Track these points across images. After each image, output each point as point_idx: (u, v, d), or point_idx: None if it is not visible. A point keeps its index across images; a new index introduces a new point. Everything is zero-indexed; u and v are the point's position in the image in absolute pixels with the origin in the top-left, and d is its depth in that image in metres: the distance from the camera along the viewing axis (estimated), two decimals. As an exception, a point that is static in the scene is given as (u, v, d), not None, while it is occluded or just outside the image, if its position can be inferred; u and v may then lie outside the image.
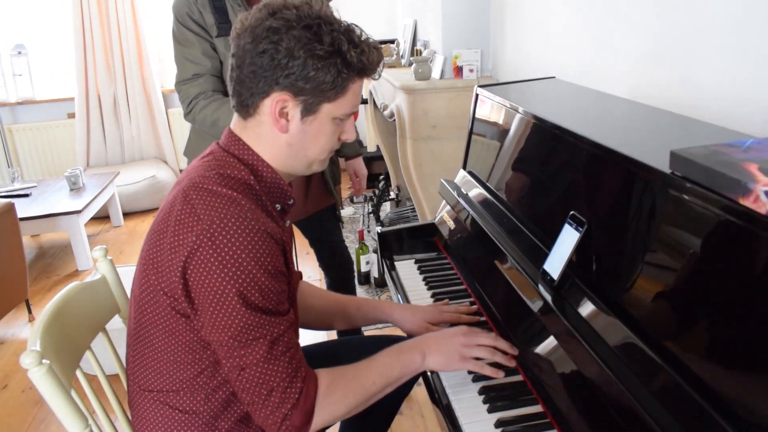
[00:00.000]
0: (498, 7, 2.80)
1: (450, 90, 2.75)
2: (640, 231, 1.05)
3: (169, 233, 1.05)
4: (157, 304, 1.09)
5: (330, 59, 1.04)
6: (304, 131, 1.11)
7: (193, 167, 1.14)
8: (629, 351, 0.97)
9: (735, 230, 0.83)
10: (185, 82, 1.96)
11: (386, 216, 3.69)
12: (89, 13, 4.98)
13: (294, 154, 1.14)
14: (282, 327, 1.06)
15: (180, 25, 1.94)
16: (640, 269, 1.04)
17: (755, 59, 1.28)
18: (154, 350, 1.13)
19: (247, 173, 1.10)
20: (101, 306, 1.34)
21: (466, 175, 1.81)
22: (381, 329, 2.68)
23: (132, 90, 5.19)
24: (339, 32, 1.05)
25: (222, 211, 1.02)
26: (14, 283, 3.06)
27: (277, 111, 1.07)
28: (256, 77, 1.06)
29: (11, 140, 5.19)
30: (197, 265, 1.01)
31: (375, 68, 1.12)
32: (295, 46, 1.03)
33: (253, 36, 1.04)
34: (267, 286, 1.03)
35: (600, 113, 1.52)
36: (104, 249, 1.38)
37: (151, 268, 1.09)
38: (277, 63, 1.03)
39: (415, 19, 3.66)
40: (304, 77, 1.04)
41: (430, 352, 1.20)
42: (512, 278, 1.34)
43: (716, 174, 0.87)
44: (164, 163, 5.29)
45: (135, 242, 4.32)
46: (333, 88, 1.07)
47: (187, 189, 1.06)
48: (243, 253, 1.01)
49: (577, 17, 2.02)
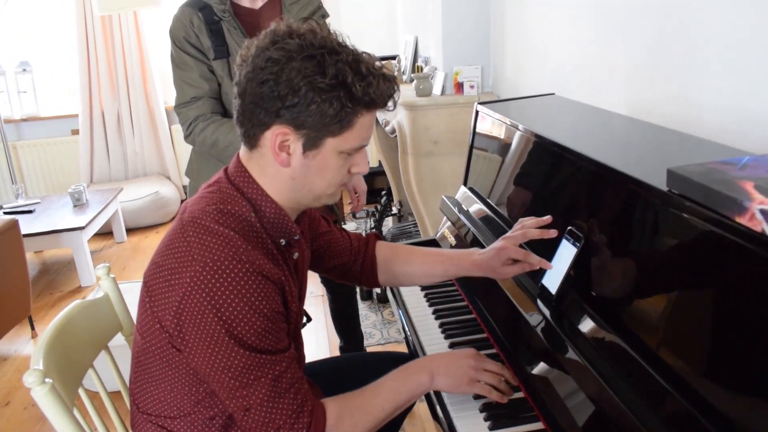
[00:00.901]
0: (498, 24, 2.82)
1: (451, 106, 2.77)
2: (638, 247, 1.06)
3: (166, 267, 1.04)
4: (154, 333, 1.08)
5: (333, 92, 0.98)
6: (307, 166, 1.06)
7: (197, 198, 1.11)
8: (627, 367, 0.98)
9: (731, 247, 0.84)
10: (184, 105, 1.98)
11: (389, 231, 3.70)
12: (93, 30, 5.03)
13: (298, 188, 1.09)
14: (283, 364, 1.04)
15: (178, 49, 1.96)
16: (638, 285, 1.04)
17: (751, 76, 1.29)
18: (153, 377, 1.12)
19: (248, 209, 1.07)
20: (104, 324, 1.35)
21: (467, 192, 1.82)
22: (384, 345, 2.68)
23: (135, 106, 5.22)
24: (345, 63, 0.99)
25: (216, 252, 1.00)
26: (17, 300, 3.07)
27: (277, 144, 1.03)
28: (257, 108, 1.02)
29: (15, 157, 5.22)
30: (191, 308, 1.00)
31: (385, 101, 1.05)
32: (296, 77, 0.98)
33: (254, 66, 1.00)
34: (263, 327, 1.01)
35: (598, 130, 1.53)
36: (107, 267, 1.39)
37: (149, 298, 1.08)
38: (278, 95, 0.99)
39: (416, 36, 3.69)
40: (306, 110, 0.99)
41: (438, 374, 1.18)
42: (512, 293, 1.35)
43: (712, 192, 0.88)
44: (167, 179, 5.32)
45: (138, 258, 4.32)
46: (337, 122, 1.01)
47: (186, 224, 1.05)
48: (236, 298, 0.98)
49: (575, 34, 2.04)
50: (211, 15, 1.92)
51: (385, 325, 3.05)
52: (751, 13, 1.27)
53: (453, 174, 2.77)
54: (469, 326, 1.50)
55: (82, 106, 5.16)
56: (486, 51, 2.96)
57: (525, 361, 1.23)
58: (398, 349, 2.74)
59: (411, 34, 3.83)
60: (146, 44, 5.13)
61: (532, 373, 1.19)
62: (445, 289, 1.70)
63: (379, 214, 3.81)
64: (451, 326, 1.51)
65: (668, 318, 0.96)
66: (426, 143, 2.80)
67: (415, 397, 1.19)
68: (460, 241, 1.72)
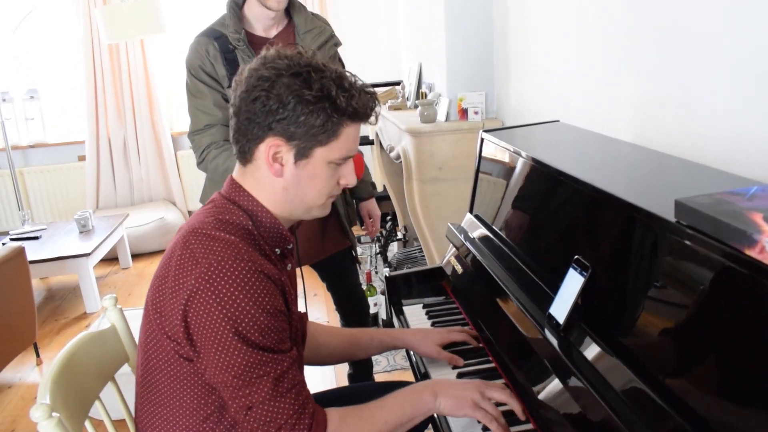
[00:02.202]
0: (501, 51, 2.84)
1: (455, 132, 2.78)
2: (646, 277, 1.05)
3: (170, 278, 1.08)
4: (161, 349, 1.10)
5: (319, 104, 1.08)
6: (298, 175, 1.13)
7: (194, 215, 1.18)
8: (636, 397, 0.97)
9: (740, 279, 0.84)
10: (198, 133, 2.02)
11: (394, 257, 3.69)
12: (101, 58, 5.08)
13: (291, 199, 1.16)
14: (285, 364, 1.07)
15: (193, 78, 2.00)
16: (646, 316, 1.04)
17: (757, 103, 1.30)
18: (161, 396, 1.13)
19: (245, 219, 1.14)
20: (110, 355, 1.35)
21: (473, 219, 1.82)
22: (390, 372, 2.67)
23: (142, 133, 5.26)
24: (329, 78, 1.09)
25: (219, 253, 1.05)
26: (23, 327, 3.06)
27: (270, 155, 1.11)
28: (250, 124, 1.10)
29: (22, 182, 5.25)
30: (197, 308, 1.04)
31: (367, 112, 1.15)
32: (284, 92, 1.07)
33: (247, 85, 1.10)
34: (266, 324, 1.05)
35: (604, 158, 1.53)
36: (114, 298, 1.39)
37: (155, 314, 1.11)
38: (269, 109, 1.08)
39: (419, 62, 3.72)
40: (295, 122, 1.08)
41: (442, 395, 1.19)
42: (519, 323, 1.34)
43: (721, 224, 0.87)
44: (173, 205, 5.34)
45: (143, 284, 4.32)
46: (324, 132, 1.10)
47: (186, 235, 1.10)
48: (241, 294, 1.03)
49: (579, 61, 2.05)
50: (226, 44, 1.98)
51: (391, 352, 3.03)
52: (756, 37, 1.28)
53: (458, 200, 2.77)
54: (476, 355, 1.49)
55: (89, 133, 5.20)
56: (490, 77, 2.97)
57: (533, 390, 1.22)
58: (404, 376, 2.73)
59: (415, 60, 3.86)
60: (152, 71, 5.19)
61: (540, 401, 1.18)
62: (454, 317, 1.69)
63: (384, 239, 3.81)
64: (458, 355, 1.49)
65: (677, 349, 0.95)
66: (431, 169, 2.80)
67: (418, 417, 1.19)
68: (467, 269, 1.71)
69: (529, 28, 2.49)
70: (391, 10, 5.04)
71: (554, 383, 1.15)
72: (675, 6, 1.51)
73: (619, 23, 1.78)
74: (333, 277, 2.36)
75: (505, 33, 2.77)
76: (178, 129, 5.40)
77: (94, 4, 4.94)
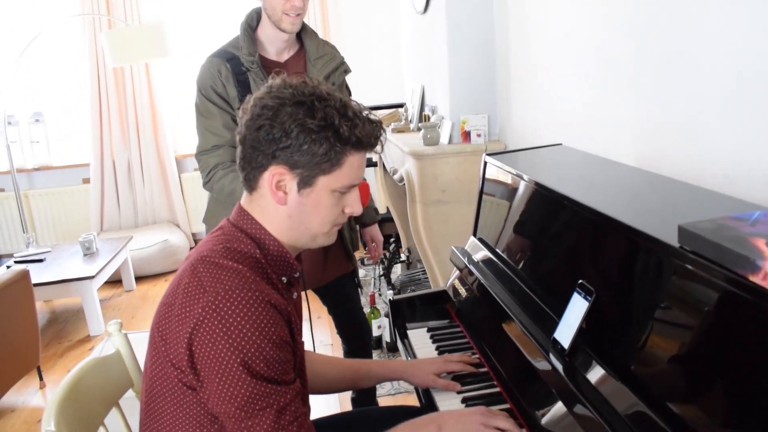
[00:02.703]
0: (504, 74, 2.86)
1: (458, 155, 2.80)
2: (650, 302, 1.05)
3: (177, 305, 1.08)
4: (165, 376, 1.10)
5: (322, 132, 1.08)
6: (302, 204, 1.14)
7: (202, 242, 1.18)
8: (642, 422, 0.97)
9: (743, 305, 0.84)
10: (205, 153, 2.03)
11: (397, 279, 3.69)
12: (106, 82, 5.13)
13: (296, 227, 1.16)
14: (288, 396, 1.06)
15: (203, 98, 2.02)
16: (651, 341, 1.04)
17: (758, 127, 1.31)
18: (164, 423, 1.13)
19: (253, 247, 1.14)
20: (115, 381, 1.35)
21: (477, 242, 1.82)
22: (394, 395, 2.65)
23: (146, 155, 5.29)
24: (332, 107, 1.10)
25: (227, 282, 1.05)
26: (27, 351, 3.06)
27: (274, 183, 1.12)
28: (255, 152, 1.11)
29: (27, 205, 5.28)
30: (203, 336, 1.03)
31: (371, 141, 1.15)
32: (287, 121, 1.08)
33: (252, 113, 1.11)
34: (271, 355, 1.04)
35: (607, 182, 1.54)
36: (119, 323, 1.39)
37: (160, 340, 1.11)
38: (273, 137, 1.09)
39: (422, 85, 3.74)
40: (298, 151, 1.09)
41: (446, 427, 1.18)
42: (524, 347, 1.34)
43: (724, 250, 0.88)
44: (177, 227, 5.35)
45: (147, 307, 4.32)
46: (327, 161, 1.10)
47: (195, 262, 1.10)
48: (248, 324, 1.03)
49: (581, 85, 2.07)
50: (239, 66, 1.99)
51: (395, 374, 3.02)
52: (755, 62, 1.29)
53: (461, 222, 2.78)
54: (481, 380, 1.48)
55: (94, 156, 5.24)
56: (492, 100, 2.99)
57: (538, 416, 1.21)
58: (409, 400, 2.71)
59: (417, 83, 3.89)
60: (157, 94, 5.23)
61: (545, 427, 1.17)
62: (458, 341, 1.69)
63: (388, 261, 3.81)
64: (463, 379, 1.49)
65: (682, 374, 0.95)
66: (434, 191, 2.81)
67: None
68: (471, 293, 1.71)
69: (531, 51, 2.51)
70: (394, 33, 5.09)
71: (559, 408, 1.15)
72: (676, 32, 1.53)
73: (620, 48, 1.79)
74: (335, 300, 2.36)
75: (507, 56, 2.80)
76: (183, 151, 5.43)
77: (99, 28, 5.00)
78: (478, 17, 2.91)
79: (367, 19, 5.25)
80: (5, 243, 5.40)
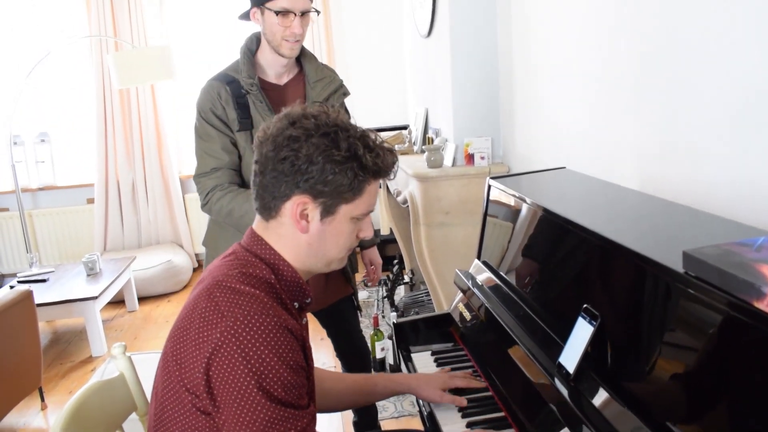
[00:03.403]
0: (507, 97, 2.88)
1: (462, 177, 2.81)
2: (655, 327, 1.06)
3: (193, 330, 1.07)
4: (178, 401, 1.10)
5: (347, 163, 1.11)
6: (323, 231, 1.16)
7: (215, 266, 1.18)
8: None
9: (748, 331, 0.84)
10: (204, 175, 2.03)
11: (401, 300, 3.68)
12: (111, 103, 5.17)
13: (314, 253, 1.18)
14: (305, 420, 1.07)
15: (203, 121, 2.03)
16: (656, 366, 1.04)
17: (759, 151, 1.31)
18: None
19: (268, 272, 1.15)
20: (119, 404, 1.34)
21: (481, 266, 1.83)
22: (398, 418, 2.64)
23: (150, 176, 5.31)
24: (355, 138, 1.12)
25: (245, 308, 1.05)
26: (29, 371, 3.05)
27: (298, 213, 1.13)
28: (278, 182, 1.12)
29: (31, 225, 5.29)
30: (221, 361, 1.03)
31: (389, 170, 1.19)
32: (314, 152, 1.10)
33: (275, 144, 1.12)
34: (289, 380, 1.05)
35: (611, 206, 1.54)
36: (123, 346, 1.39)
37: (174, 365, 1.10)
38: (298, 168, 1.10)
39: (426, 108, 3.77)
40: (323, 181, 1.11)
41: None
42: (529, 371, 1.34)
43: (729, 276, 0.88)
44: (180, 248, 5.35)
45: (149, 327, 4.31)
46: (350, 190, 1.13)
47: (210, 287, 1.10)
48: (266, 349, 1.03)
49: (584, 108, 2.08)
50: (239, 89, 2.01)
51: (399, 397, 3.00)
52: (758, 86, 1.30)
53: (465, 244, 2.78)
54: (486, 404, 1.48)
55: (98, 176, 5.26)
56: (496, 123, 3.01)
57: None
58: (412, 423, 2.69)
59: (421, 105, 3.91)
60: (162, 115, 5.26)
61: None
62: (462, 365, 1.69)
63: (392, 283, 3.80)
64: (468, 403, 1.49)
65: (688, 400, 0.95)
66: (438, 214, 2.82)
67: None
68: (475, 316, 1.71)
69: (534, 75, 2.53)
70: (397, 55, 5.13)
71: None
72: (679, 55, 1.54)
73: (623, 72, 1.81)
74: (334, 323, 2.35)
75: (510, 79, 2.82)
76: (187, 172, 5.45)
77: (106, 50, 5.05)
78: (482, 41, 2.94)
79: (371, 41, 5.29)
80: (9, 262, 5.41)
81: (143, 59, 4.26)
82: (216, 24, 5.30)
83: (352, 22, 5.29)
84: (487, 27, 2.93)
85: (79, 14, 5.15)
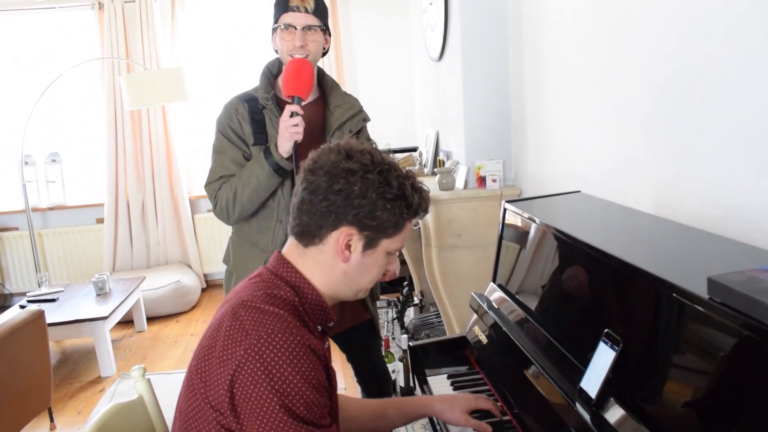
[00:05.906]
0: (519, 120, 2.90)
1: (474, 200, 2.82)
2: (678, 352, 1.05)
3: (218, 348, 1.10)
4: (203, 418, 1.11)
5: (396, 201, 1.17)
6: (362, 262, 1.21)
7: (241, 287, 1.21)
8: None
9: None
10: (211, 183, 2.11)
11: (410, 322, 3.68)
12: (123, 124, 5.22)
13: (348, 282, 1.23)
14: None
15: (220, 135, 2.10)
16: (680, 391, 1.03)
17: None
18: None
19: (292, 294, 1.18)
20: (138, 427, 1.34)
21: (497, 289, 1.83)
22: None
23: (160, 196, 5.34)
24: (403, 178, 1.20)
25: (269, 326, 1.07)
26: (38, 391, 3.04)
27: (343, 243, 1.18)
28: (328, 212, 1.16)
29: (41, 244, 5.32)
30: (244, 379, 1.05)
31: (426, 211, 1.27)
32: (369, 188, 1.15)
33: (330, 175, 1.16)
34: (312, 399, 1.07)
35: (628, 230, 1.54)
36: (142, 368, 1.39)
37: (199, 382, 1.12)
38: (350, 201, 1.15)
39: (437, 130, 3.79)
40: (371, 215, 1.17)
41: None
42: (549, 396, 1.33)
43: (755, 302, 0.88)
44: (189, 268, 5.36)
45: (158, 348, 4.30)
46: (393, 226, 1.19)
47: (236, 307, 1.13)
48: (289, 367, 1.05)
49: (597, 131, 2.09)
50: (256, 105, 2.08)
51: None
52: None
53: (477, 266, 2.78)
54: (504, 428, 1.47)
55: (108, 196, 5.29)
56: (507, 145, 3.03)
57: (565, 468, 1.20)
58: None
59: (432, 128, 3.93)
60: (173, 136, 5.30)
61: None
62: (479, 389, 1.68)
63: (401, 305, 3.80)
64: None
65: (712, 427, 0.95)
66: (449, 236, 2.82)
67: None
68: (491, 340, 1.71)
69: (546, 98, 2.55)
70: (407, 78, 5.17)
71: (587, 460, 1.14)
72: (694, 78, 1.55)
73: (637, 95, 1.82)
74: (353, 349, 2.35)
75: (522, 103, 2.83)
76: (196, 192, 5.48)
77: (118, 72, 5.10)
78: (494, 64, 2.96)
79: (379, 64, 5.34)
80: (18, 282, 5.43)
81: (155, 81, 4.30)
82: (227, 47, 5.35)
83: (361, 45, 5.36)
84: (498, 51, 2.95)
85: (92, 36, 5.22)
